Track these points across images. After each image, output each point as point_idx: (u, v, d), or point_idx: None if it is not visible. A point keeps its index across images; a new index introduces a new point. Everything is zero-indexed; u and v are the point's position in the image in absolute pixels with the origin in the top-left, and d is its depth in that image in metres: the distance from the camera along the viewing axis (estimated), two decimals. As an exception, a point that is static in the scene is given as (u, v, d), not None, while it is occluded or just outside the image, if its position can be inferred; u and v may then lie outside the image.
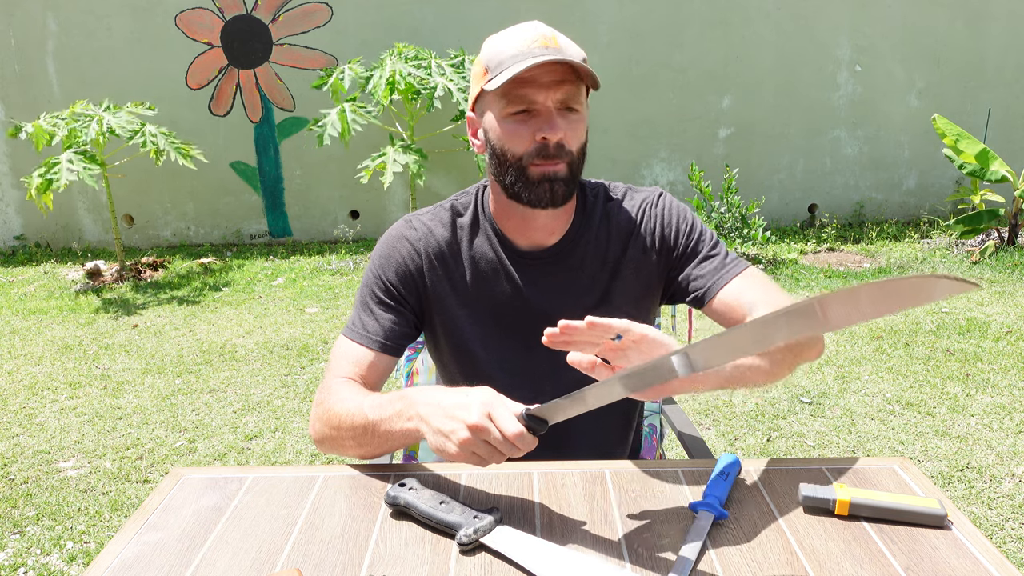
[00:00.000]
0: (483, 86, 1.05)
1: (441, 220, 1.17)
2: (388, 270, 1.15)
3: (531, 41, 1.01)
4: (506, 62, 1.01)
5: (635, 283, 1.17)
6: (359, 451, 1.02)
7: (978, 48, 5.35)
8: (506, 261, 1.15)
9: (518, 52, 1.01)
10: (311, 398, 3.07)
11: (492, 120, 1.06)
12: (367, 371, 1.10)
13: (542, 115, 1.03)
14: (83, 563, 2.08)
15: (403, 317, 1.14)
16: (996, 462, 2.44)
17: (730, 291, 1.11)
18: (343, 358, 1.11)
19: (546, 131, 1.02)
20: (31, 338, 3.91)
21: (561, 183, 1.05)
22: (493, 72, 1.03)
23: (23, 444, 2.77)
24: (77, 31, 5.27)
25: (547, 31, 1.04)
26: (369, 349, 1.11)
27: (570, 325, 0.85)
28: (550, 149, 1.03)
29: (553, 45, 1.01)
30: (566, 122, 1.03)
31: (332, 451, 1.08)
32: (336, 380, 1.08)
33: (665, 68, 5.31)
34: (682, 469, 1.02)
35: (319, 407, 1.07)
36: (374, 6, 5.21)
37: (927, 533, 0.87)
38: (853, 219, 5.67)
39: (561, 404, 0.83)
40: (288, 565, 0.83)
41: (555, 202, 1.06)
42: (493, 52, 1.04)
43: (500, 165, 1.07)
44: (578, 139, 1.06)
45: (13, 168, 5.53)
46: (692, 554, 0.83)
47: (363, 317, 1.14)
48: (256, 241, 5.72)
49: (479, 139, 1.12)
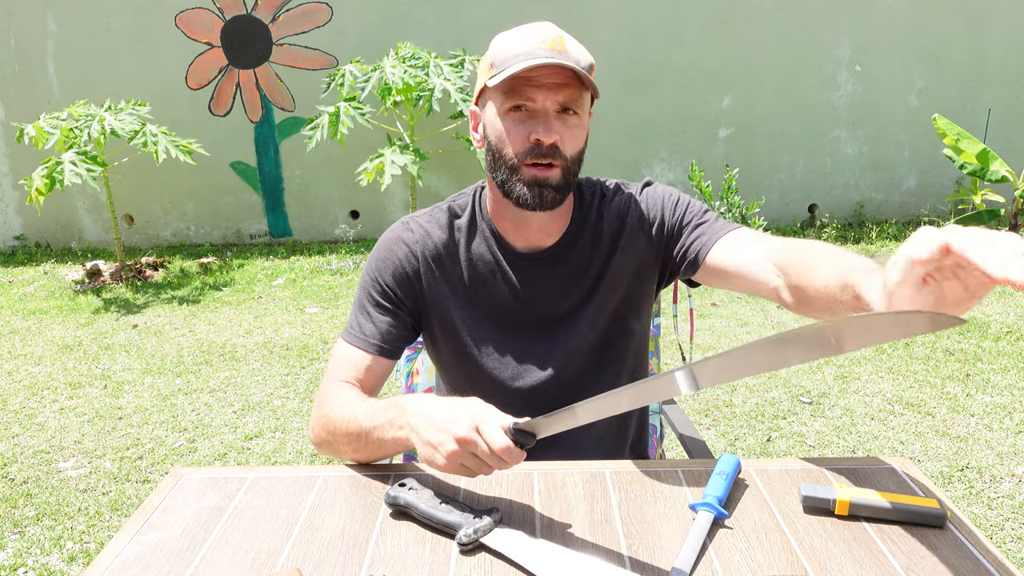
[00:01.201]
0: (486, 81, 1.05)
1: (438, 222, 1.17)
2: (385, 273, 1.15)
3: (539, 41, 1.01)
4: (511, 60, 1.01)
5: (632, 273, 1.17)
6: (355, 456, 1.03)
7: (978, 48, 5.34)
8: (503, 263, 1.15)
9: (524, 51, 1.01)
10: (311, 398, 3.07)
11: (491, 115, 1.06)
12: (365, 374, 1.11)
13: (539, 116, 1.02)
14: (83, 563, 2.08)
15: (400, 320, 1.15)
16: (996, 462, 2.45)
17: (724, 247, 1.08)
18: (341, 361, 1.12)
19: (540, 132, 1.01)
20: (31, 338, 3.91)
21: (551, 188, 1.05)
22: (497, 68, 1.03)
23: (23, 444, 2.77)
24: (77, 31, 5.26)
25: (557, 32, 1.03)
26: (366, 352, 1.12)
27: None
28: (543, 150, 1.02)
29: (560, 48, 1.01)
30: (564, 126, 1.03)
31: (330, 454, 1.08)
32: (334, 384, 1.09)
33: (665, 68, 5.31)
34: (682, 469, 1.02)
35: (317, 411, 1.08)
36: (374, 6, 5.21)
37: (927, 533, 0.87)
38: (853, 219, 5.67)
39: (550, 419, 0.82)
40: (288, 565, 0.83)
41: (543, 206, 1.06)
42: (500, 49, 1.04)
43: (494, 161, 1.07)
44: (575, 144, 1.05)
45: (13, 168, 5.53)
46: (692, 554, 0.83)
47: (360, 320, 1.14)
48: (256, 241, 5.72)
49: (479, 134, 1.12)
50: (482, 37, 5.34)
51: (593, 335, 1.16)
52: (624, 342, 1.20)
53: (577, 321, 1.16)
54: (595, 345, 1.17)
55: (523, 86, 1.01)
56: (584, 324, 1.16)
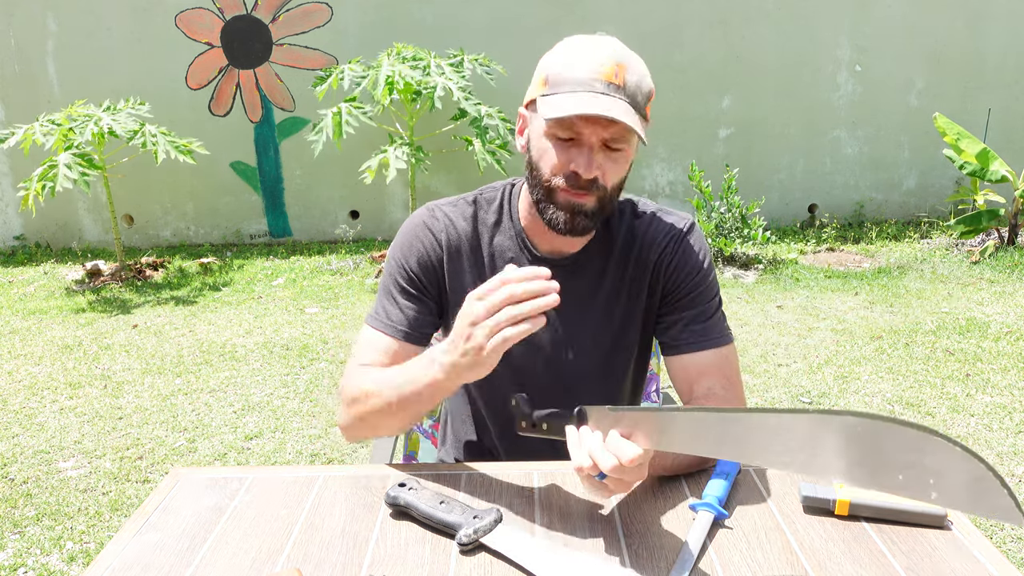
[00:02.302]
0: (537, 98, 1.03)
1: (463, 213, 1.17)
2: (410, 259, 1.15)
3: (599, 70, 0.97)
4: (565, 85, 0.98)
5: (645, 306, 1.18)
6: (393, 421, 1.03)
7: (978, 48, 5.34)
8: (526, 263, 1.15)
9: (580, 79, 0.97)
10: (311, 398, 3.07)
11: (537, 131, 1.04)
12: (390, 360, 1.10)
13: (583, 148, 1.00)
14: (83, 563, 2.08)
15: (425, 306, 1.15)
16: (996, 462, 2.45)
17: (686, 363, 1.12)
18: (367, 346, 1.12)
19: (581, 167, 1.00)
20: (31, 338, 3.91)
21: (584, 216, 1.04)
22: (551, 88, 1.00)
23: (23, 444, 2.77)
24: (77, 31, 5.26)
25: (617, 58, 0.98)
26: (392, 338, 1.11)
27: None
28: (581, 182, 1.01)
29: (619, 80, 0.97)
30: (607, 159, 1.01)
31: (363, 434, 1.09)
32: (360, 368, 1.09)
33: (665, 68, 5.31)
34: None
35: (345, 392, 1.07)
36: (374, 6, 5.21)
37: (927, 533, 0.87)
38: (853, 219, 5.67)
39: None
40: (288, 565, 0.83)
41: (574, 232, 1.05)
42: (558, 67, 1.00)
43: (532, 177, 1.06)
44: (617, 176, 1.04)
45: (13, 168, 5.53)
46: (692, 554, 0.83)
47: (386, 306, 1.14)
48: (256, 241, 5.72)
49: (524, 139, 1.10)
50: (481, 37, 5.35)
51: (601, 343, 1.17)
52: (630, 351, 1.21)
53: (587, 328, 1.16)
54: (603, 352, 1.18)
55: (571, 117, 0.98)
56: (593, 332, 1.16)
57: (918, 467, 0.58)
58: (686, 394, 1.13)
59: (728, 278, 4.59)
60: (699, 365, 1.11)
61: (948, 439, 0.56)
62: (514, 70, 4.96)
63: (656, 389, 1.55)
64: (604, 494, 0.85)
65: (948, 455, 0.56)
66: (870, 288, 4.31)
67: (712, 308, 1.15)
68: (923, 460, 0.57)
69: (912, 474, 0.58)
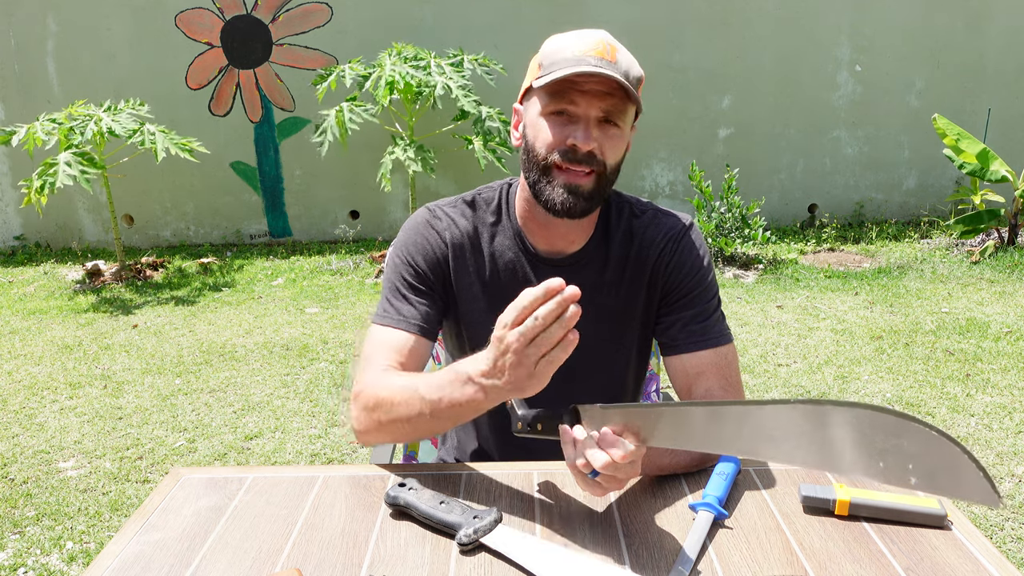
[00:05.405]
0: (532, 81, 1.05)
1: (463, 212, 1.17)
2: (417, 256, 1.14)
3: (590, 47, 1.00)
4: (559, 63, 1.01)
5: (644, 306, 1.18)
6: (415, 433, 1.00)
7: (978, 48, 5.34)
8: (524, 263, 1.15)
9: (574, 56, 1.00)
10: (311, 398, 3.07)
11: (534, 115, 1.06)
12: (408, 357, 1.08)
13: (580, 121, 1.02)
14: (83, 563, 2.08)
15: (435, 303, 1.14)
16: (996, 462, 2.44)
17: (685, 363, 1.12)
18: (380, 346, 1.08)
19: (578, 138, 1.01)
20: (31, 338, 3.91)
21: (582, 197, 1.04)
22: (545, 70, 1.02)
23: (23, 444, 2.76)
24: (77, 31, 5.26)
25: (609, 41, 1.02)
26: (409, 333, 1.09)
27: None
28: (578, 155, 1.02)
29: (610, 57, 1.00)
30: (603, 134, 1.02)
31: (381, 439, 1.05)
32: (377, 370, 1.05)
33: (665, 68, 5.31)
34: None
35: (362, 398, 1.02)
36: (374, 6, 5.21)
37: (927, 533, 0.87)
38: (853, 219, 5.67)
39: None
40: (288, 565, 0.83)
41: (572, 214, 1.05)
42: (551, 51, 1.03)
43: (528, 161, 1.07)
44: (613, 154, 1.04)
45: (13, 168, 5.53)
46: (692, 554, 0.83)
47: (396, 303, 1.12)
48: (256, 241, 5.72)
49: (519, 132, 1.11)
50: (481, 37, 5.35)
51: (600, 343, 1.17)
52: (628, 351, 1.21)
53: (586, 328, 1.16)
54: (602, 352, 1.18)
55: (567, 90, 1.01)
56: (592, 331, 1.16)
57: (897, 453, 0.58)
58: (685, 394, 1.13)
59: (728, 278, 4.59)
60: (698, 365, 1.11)
61: (924, 423, 0.57)
62: (514, 70, 4.96)
63: (656, 389, 1.55)
64: (598, 492, 0.85)
65: (925, 439, 0.57)
66: (870, 288, 4.31)
67: (711, 308, 1.15)
68: (901, 445, 0.58)
69: (892, 460, 0.59)
